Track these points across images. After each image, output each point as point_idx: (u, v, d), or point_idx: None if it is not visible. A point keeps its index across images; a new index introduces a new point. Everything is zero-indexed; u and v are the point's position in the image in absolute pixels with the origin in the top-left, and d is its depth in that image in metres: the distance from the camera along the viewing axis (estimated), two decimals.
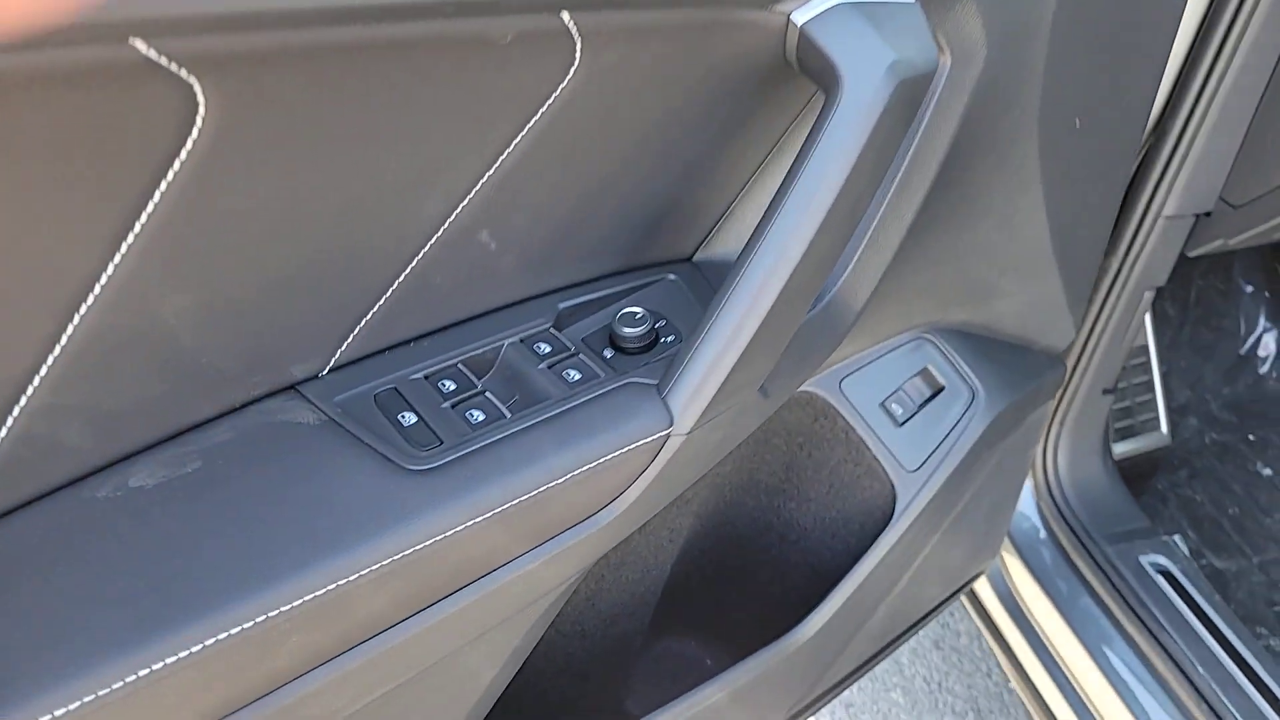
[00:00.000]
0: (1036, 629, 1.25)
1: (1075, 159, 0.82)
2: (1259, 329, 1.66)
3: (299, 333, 0.53)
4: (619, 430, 0.56)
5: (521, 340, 0.61)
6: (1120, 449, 1.41)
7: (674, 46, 0.54)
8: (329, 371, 0.57)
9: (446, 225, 0.53)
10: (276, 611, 0.47)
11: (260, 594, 0.47)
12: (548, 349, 0.61)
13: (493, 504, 0.53)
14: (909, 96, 0.55)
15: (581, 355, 0.61)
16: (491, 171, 0.53)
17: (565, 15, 0.47)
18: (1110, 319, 1.14)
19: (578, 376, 0.59)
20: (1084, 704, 1.19)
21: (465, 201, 0.53)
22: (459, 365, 0.59)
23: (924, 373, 0.88)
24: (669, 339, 0.63)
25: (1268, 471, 1.51)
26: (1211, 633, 1.12)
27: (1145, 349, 1.43)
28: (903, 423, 0.86)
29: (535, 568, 0.57)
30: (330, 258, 0.51)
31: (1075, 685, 1.20)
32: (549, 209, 0.58)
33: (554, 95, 0.51)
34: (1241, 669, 1.09)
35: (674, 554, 0.93)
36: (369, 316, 0.55)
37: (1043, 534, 1.26)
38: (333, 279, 0.52)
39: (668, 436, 0.58)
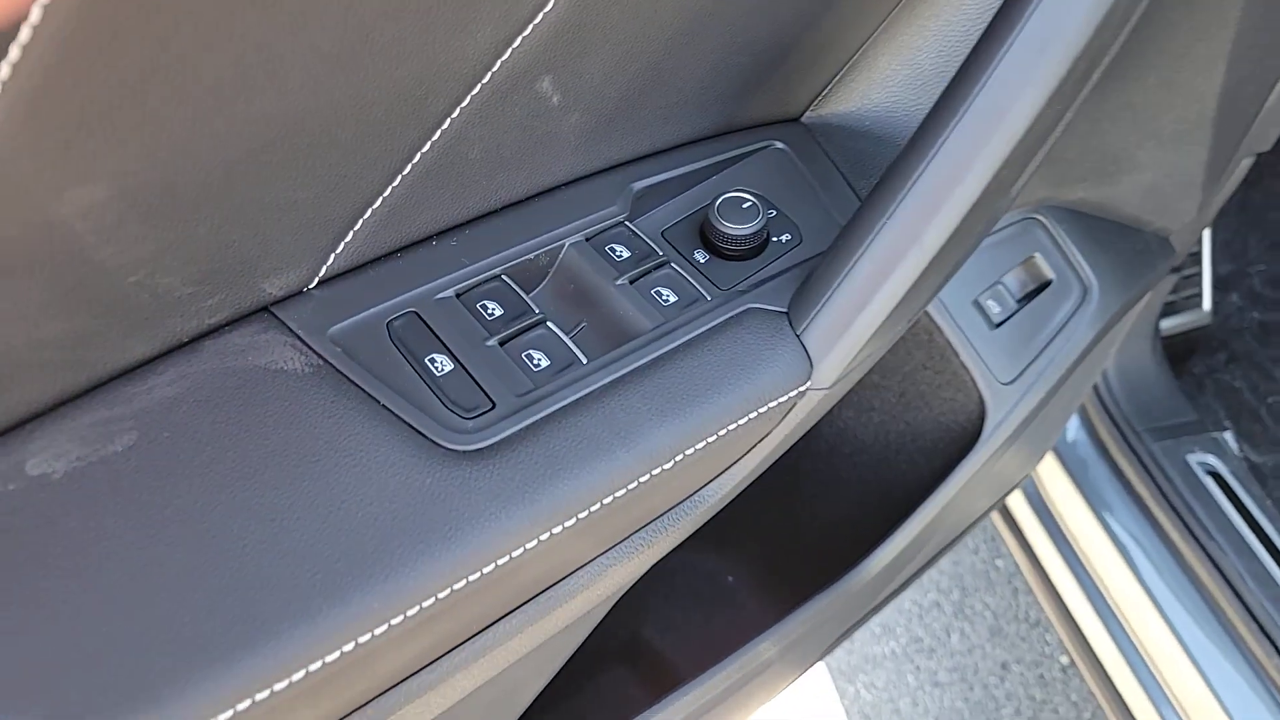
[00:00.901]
0: (1067, 535, 1.15)
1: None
2: None
3: (273, 227, 0.34)
4: (741, 387, 0.39)
5: (588, 239, 0.42)
6: (1164, 325, 1.28)
7: None
8: (318, 285, 0.38)
9: (496, 67, 0.33)
10: (280, 686, 0.31)
11: (244, 663, 0.30)
12: (625, 252, 0.42)
13: (571, 508, 0.36)
14: None
15: (673, 264, 0.42)
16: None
17: None
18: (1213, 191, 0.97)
19: (673, 298, 0.41)
20: (1118, 621, 1.10)
21: (525, 33, 0.33)
22: (503, 277, 0.41)
23: (1029, 262, 0.71)
24: (783, 237, 0.45)
25: None
26: (1264, 544, 1.02)
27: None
28: (999, 324, 0.70)
29: (616, 566, 0.41)
30: (320, 113, 0.31)
31: (1108, 599, 1.10)
32: (631, 48, 0.38)
33: None
34: None
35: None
36: (377, 203, 0.36)
37: (1081, 429, 1.13)
38: (324, 146, 0.32)
39: (804, 392, 0.41)
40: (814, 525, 0.76)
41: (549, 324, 0.41)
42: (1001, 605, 1.56)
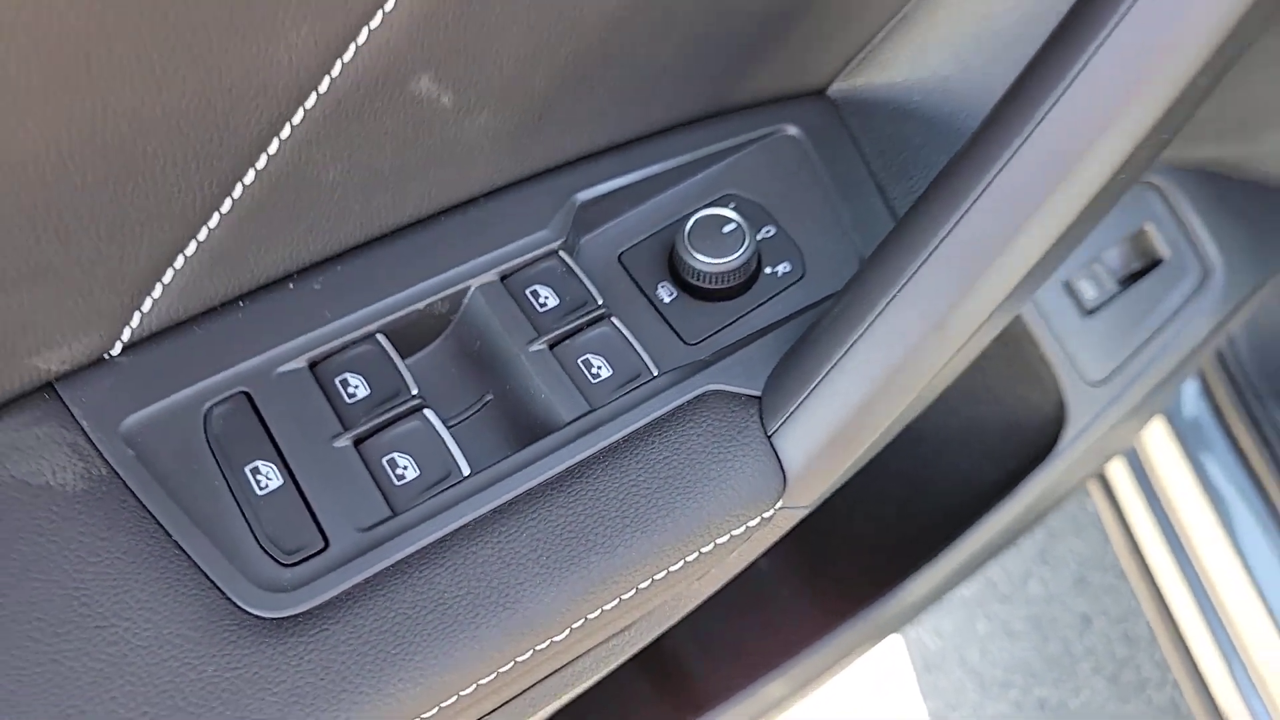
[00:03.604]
0: (1159, 490, 1.03)
1: None
2: None
3: (25, 300, 0.26)
4: (684, 517, 0.30)
5: (503, 278, 0.32)
6: None
7: None
8: (122, 352, 0.30)
9: (336, 72, 0.25)
10: None
11: None
12: (552, 299, 0.33)
13: (424, 700, 0.28)
14: None
15: (615, 319, 0.33)
16: None
17: None
18: None
19: (606, 372, 0.32)
20: (1203, 584, 0.99)
21: (372, 27, 0.24)
22: (378, 337, 0.32)
23: (1138, 236, 0.59)
24: (780, 268, 0.35)
25: None
26: None
27: None
28: (1093, 310, 0.58)
29: None
30: (48, 156, 0.23)
31: (1196, 561, 1.00)
32: (553, 29, 0.28)
33: None
34: None
35: None
36: (189, 248, 0.28)
37: (1195, 391, 1.00)
38: (69, 195, 0.24)
39: (772, 516, 0.31)
40: (859, 525, 0.68)
41: (427, 413, 0.32)
42: (1089, 552, 1.45)
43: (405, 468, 0.31)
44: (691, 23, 0.31)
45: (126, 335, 0.30)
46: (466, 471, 0.31)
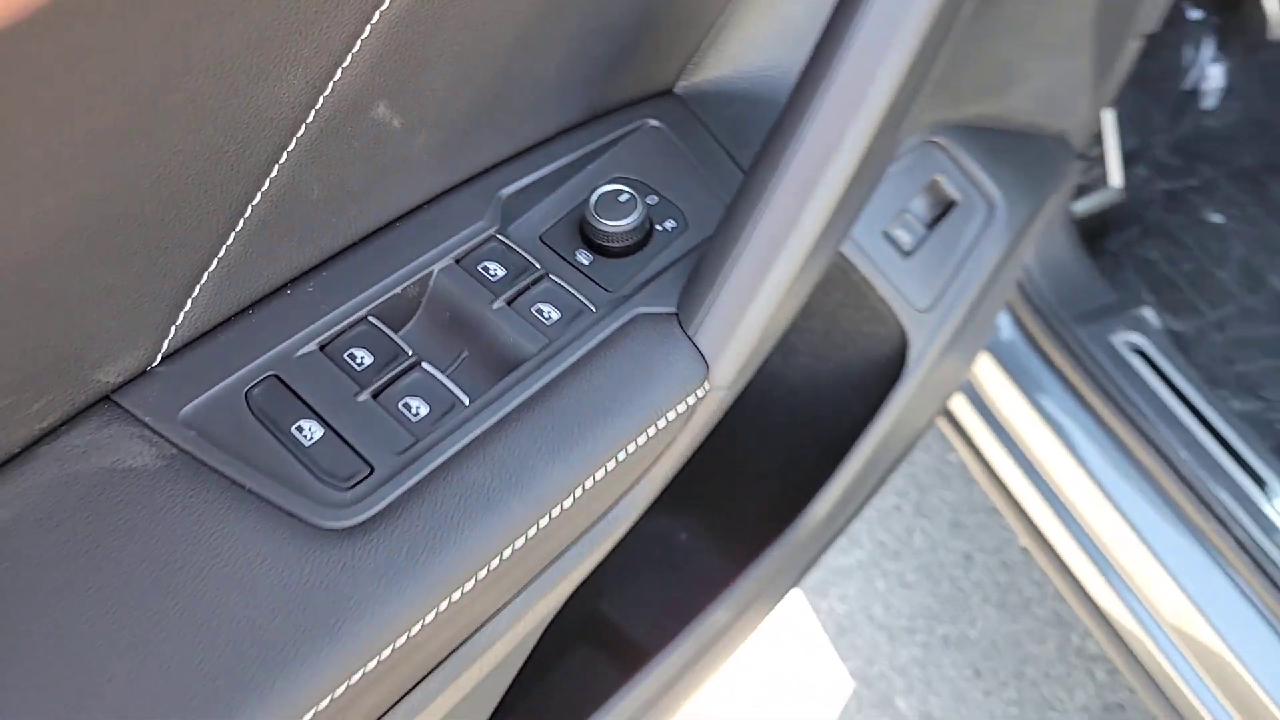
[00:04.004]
0: (1006, 427, 1.18)
1: None
2: (1202, 61, 1.53)
3: (92, 315, 0.32)
4: (635, 405, 0.38)
5: (458, 260, 0.40)
6: (1077, 208, 1.30)
7: None
8: (163, 362, 0.36)
9: (319, 105, 0.32)
10: None
11: None
12: (500, 270, 0.41)
13: (468, 569, 0.35)
14: None
15: (553, 276, 0.41)
16: (378, 13, 0.31)
17: None
18: (1109, 80, 0.98)
19: (555, 314, 0.40)
20: (1061, 501, 1.14)
21: (345, 65, 0.31)
22: (370, 319, 0.39)
23: (932, 186, 0.71)
24: (667, 224, 0.44)
25: (1217, 218, 1.43)
26: (1191, 413, 1.06)
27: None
28: (910, 252, 0.70)
29: (527, 612, 0.40)
30: (115, 195, 0.29)
31: (1050, 482, 1.14)
32: (474, 51, 0.36)
33: None
34: (1220, 443, 1.05)
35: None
36: (213, 265, 0.34)
37: (1011, 324, 1.16)
38: (129, 225, 0.30)
39: (703, 397, 0.40)
40: (757, 473, 0.77)
41: (425, 365, 0.39)
42: (959, 499, 1.60)
43: (418, 408, 0.38)
44: (568, 49, 0.41)
45: (165, 347, 0.36)
46: (467, 402, 0.38)
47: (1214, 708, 1.03)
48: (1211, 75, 1.53)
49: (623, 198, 0.42)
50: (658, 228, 0.44)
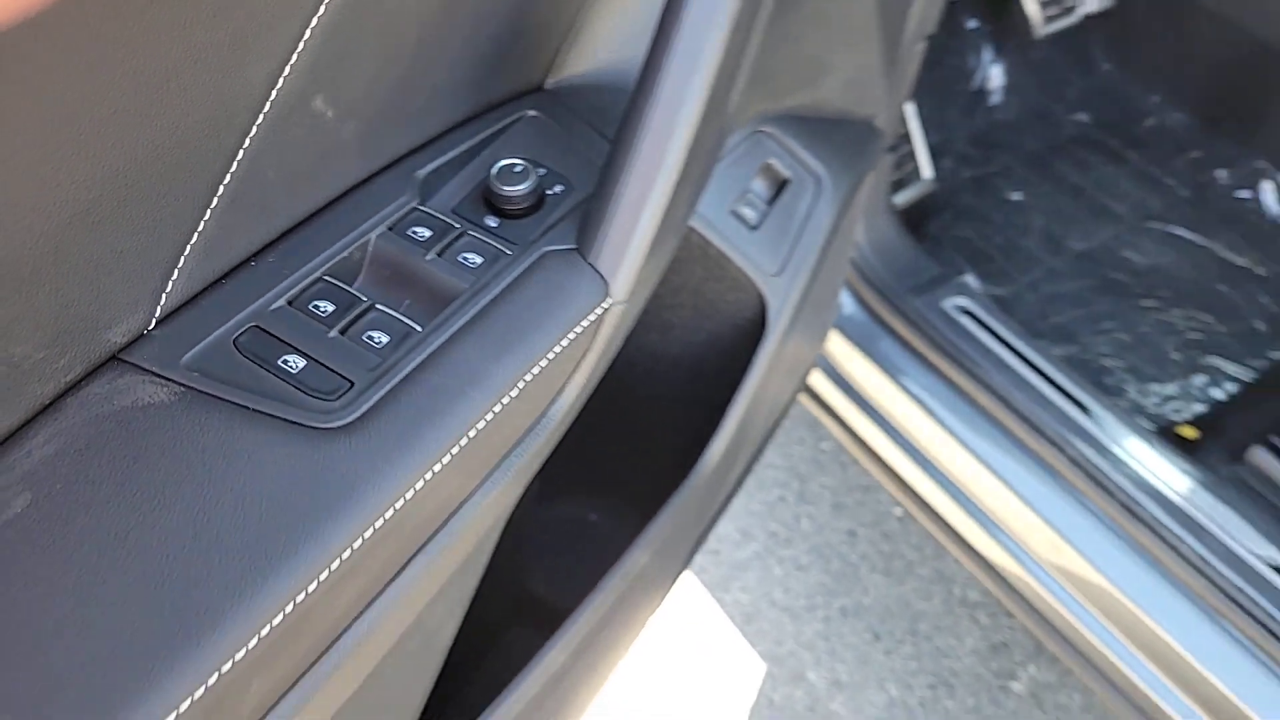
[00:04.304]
0: (865, 396, 1.30)
1: None
2: (984, 63, 1.74)
3: (108, 280, 0.38)
4: (555, 316, 0.46)
5: (390, 228, 0.47)
6: (896, 201, 1.46)
7: None
8: (156, 326, 0.42)
9: (273, 96, 0.38)
10: (225, 668, 0.35)
11: (192, 655, 0.34)
12: (426, 232, 0.48)
13: (443, 447, 0.42)
14: None
15: (470, 232, 0.49)
16: (316, 19, 0.38)
17: None
18: (898, 76, 1.13)
19: (478, 260, 0.47)
20: (923, 456, 1.26)
21: (291, 62, 0.38)
22: (325, 278, 0.45)
23: (766, 169, 0.82)
24: (557, 189, 0.52)
25: (1017, 195, 1.62)
26: (1019, 358, 1.21)
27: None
28: (756, 226, 0.81)
29: (490, 500, 0.47)
30: (131, 167, 0.35)
31: (912, 439, 1.26)
32: (387, 55, 0.44)
33: None
34: (1046, 381, 1.19)
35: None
36: (194, 238, 0.40)
37: (854, 303, 1.29)
38: (139, 195, 0.36)
39: (607, 309, 0.48)
40: (653, 448, 0.85)
41: (379, 306, 0.46)
42: (836, 482, 1.72)
43: (380, 338, 0.45)
44: (459, 53, 0.49)
45: (158, 312, 0.42)
46: (420, 329, 0.45)
47: (1080, 614, 1.16)
48: (993, 75, 1.74)
49: (518, 169, 0.50)
50: (548, 193, 0.52)
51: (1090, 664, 1.16)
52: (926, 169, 1.54)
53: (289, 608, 0.37)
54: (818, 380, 1.35)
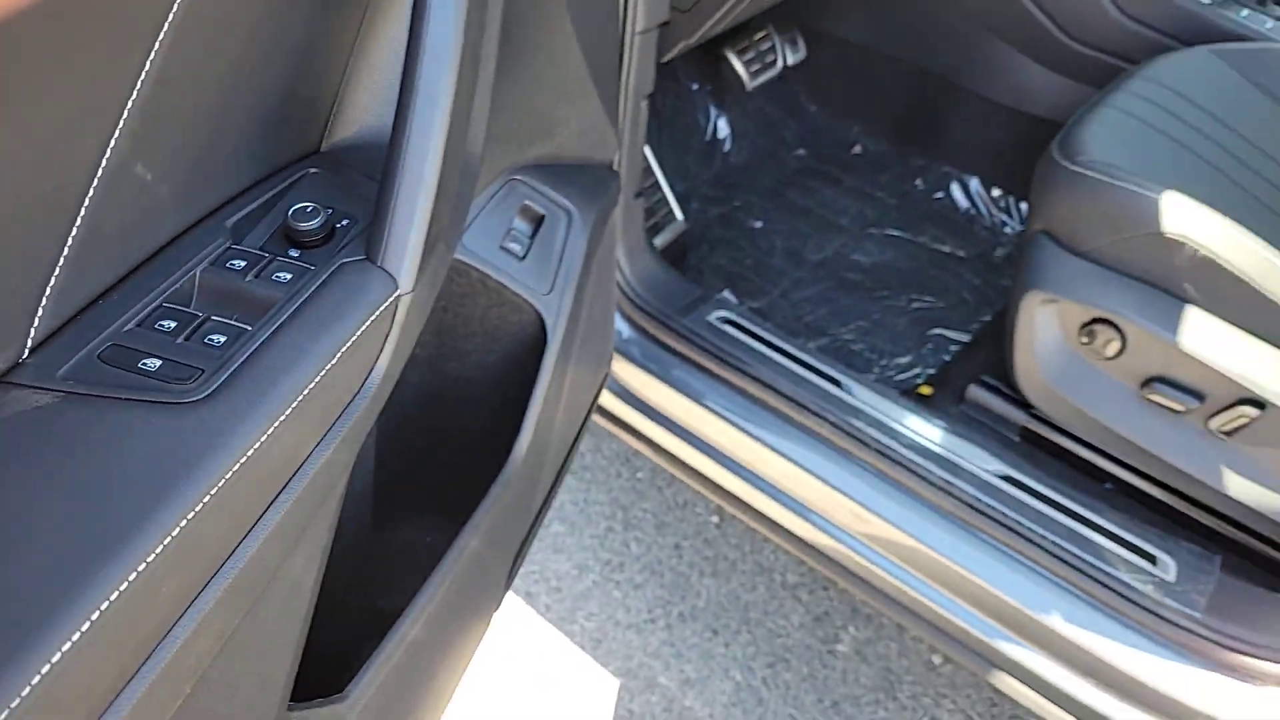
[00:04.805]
0: (654, 406, 1.47)
1: (583, 4, 0.94)
2: (712, 118, 1.99)
3: (8, 294, 0.47)
4: (358, 304, 0.58)
5: (212, 263, 0.58)
6: (656, 242, 1.66)
7: None
8: (29, 355, 0.50)
9: (104, 164, 0.49)
10: (142, 564, 0.44)
11: (76, 595, 0.43)
12: (242, 263, 0.59)
13: (284, 405, 0.52)
14: None
15: (279, 259, 0.60)
16: (134, 96, 0.50)
17: None
18: (624, 130, 1.32)
19: (289, 276, 0.59)
20: (721, 453, 1.43)
21: (117, 132, 0.49)
22: (165, 304, 0.55)
23: (523, 209, 0.97)
24: (344, 223, 0.65)
25: (758, 223, 1.86)
26: (781, 354, 1.41)
27: (645, 156, 1.66)
28: (523, 257, 0.95)
29: (329, 456, 0.58)
30: (14, 201, 0.45)
31: (704, 438, 1.43)
32: (190, 128, 0.56)
33: (172, 10, 0.49)
34: (807, 369, 1.39)
35: (372, 460, 0.95)
36: (53, 280, 0.50)
37: (632, 330, 1.46)
38: (6, 245, 0.46)
39: (399, 298, 0.60)
40: (471, 465, 0.96)
41: (213, 318, 0.56)
42: (655, 505, 1.87)
43: (219, 339, 0.54)
44: (247, 122, 0.61)
45: (29, 343, 0.50)
46: (250, 329, 0.56)
47: (868, 554, 1.34)
48: (720, 127, 2.00)
49: (309, 209, 0.62)
50: (337, 226, 0.64)
51: (887, 598, 1.34)
52: (677, 212, 1.75)
53: (175, 531, 0.46)
54: (616, 405, 1.50)
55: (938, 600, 1.29)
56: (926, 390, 1.53)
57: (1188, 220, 1.14)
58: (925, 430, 1.32)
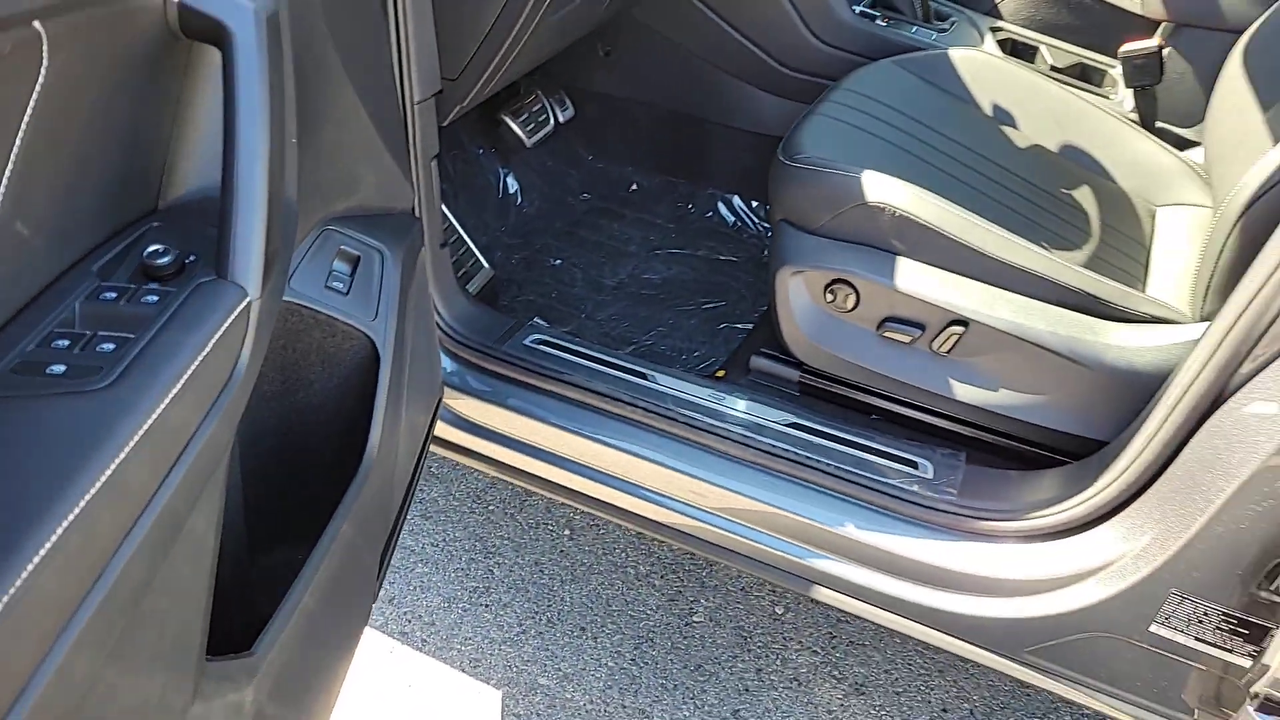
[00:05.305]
0: (492, 429, 1.63)
1: (365, 66, 1.12)
2: (501, 176, 2.21)
3: None
4: (218, 307, 0.73)
5: (87, 298, 0.72)
6: (471, 289, 1.84)
7: (95, 39, 0.70)
8: None
9: None
10: (86, 498, 0.57)
11: (65, 497, 0.56)
12: (114, 294, 0.73)
13: (173, 385, 0.67)
14: (275, 28, 0.78)
15: (144, 288, 0.74)
16: (9, 167, 0.64)
17: (37, 24, 0.61)
18: (419, 188, 1.50)
19: (156, 299, 0.73)
20: (573, 463, 1.58)
21: (3, 187, 0.63)
22: (54, 330, 0.68)
23: (340, 252, 1.13)
24: (191, 259, 0.79)
25: (558, 262, 2.08)
26: (591, 360, 1.60)
27: (445, 214, 1.84)
28: (347, 292, 1.11)
29: (213, 430, 0.72)
30: None
31: (541, 446, 1.59)
32: (54, 190, 0.70)
33: (36, 89, 0.64)
34: (619, 369, 1.59)
35: (240, 495, 1.07)
36: None
37: (455, 364, 1.62)
38: None
39: (250, 303, 0.76)
40: (326, 486, 1.10)
41: (99, 334, 0.68)
42: (510, 530, 2.02)
43: (109, 347, 0.68)
44: (97, 190, 0.75)
45: None
46: (133, 336, 0.69)
47: (710, 519, 1.52)
48: (510, 183, 2.21)
49: (160, 249, 0.77)
50: (186, 261, 0.79)
51: (724, 549, 1.54)
52: (483, 261, 1.94)
53: (108, 473, 0.59)
54: (458, 435, 1.65)
55: (761, 540, 1.50)
56: (721, 374, 1.76)
57: (885, 190, 1.43)
58: (724, 402, 1.55)
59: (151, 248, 0.77)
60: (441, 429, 1.64)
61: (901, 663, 1.82)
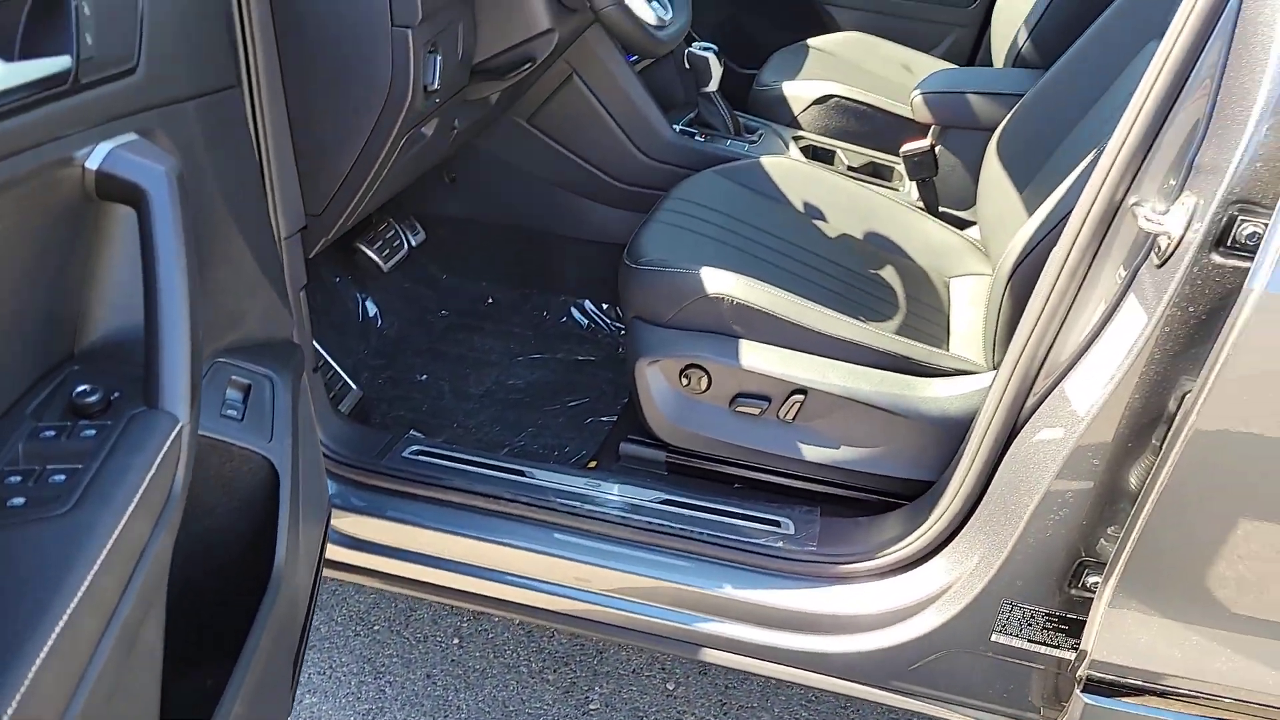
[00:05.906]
0: (378, 543, 1.68)
1: (244, 205, 1.22)
2: (360, 301, 2.30)
3: None
4: (155, 435, 0.80)
5: (28, 438, 0.78)
6: (343, 408, 1.90)
7: (23, 205, 0.78)
8: None
9: None
10: (73, 603, 0.63)
11: (58, 604, 0.62)
12: (52, 433, 0.79)
13: (127, 505, 0.73)
14: (183, 183, 0.89)
15: (79, 424, 0.81)
16: None
17: None
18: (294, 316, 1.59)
19: (93, 432, 0.80)
20: (446, 559, 1.65)
21: None
22: (3, 469, 0.74)
23: (232, 382, 1.21)
24: (116, 395, 0.86)
25: (424, 377, 2.17)
26: (468, 464, 1.69)
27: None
28: (242, 419, 1.18)
29: (160, 544, 0.78)
30: None
31: (429, 553, 1.65)
32: None
33: None
34: (497, 469, 1.69)
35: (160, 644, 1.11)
36: None
37: (337, 484, 1.68)
38: None
39: (182, 427, 0.83)
40: (236, 605, 1.14)
41: (47, 467, 0.74)
42: (399, 648, 2.04)
43: (60, 478, 0.74)
44: (25, 341, 0.82)
45: None
46: (80, 467, 0.75)
47: (598, 599, 1.61)
48: (370, 307, 2.30)
49: (88, 389, 0.83)
50: (112, 399, 0.86)
51: (614, 628, 1.63)
52: (351, 383, 2.01)
53: (85, 586, 0.65)
54: (346, 554, 1.69)
55: (647, 612, 1.61)
56: (593, 464, 1.89)
57: (721, 283, 1.62)
58: (599, 488, 1.66)
59: (79, 388, 0.84)
60: (329, 549, 1.68)
61: (789, 718, 1.94)
